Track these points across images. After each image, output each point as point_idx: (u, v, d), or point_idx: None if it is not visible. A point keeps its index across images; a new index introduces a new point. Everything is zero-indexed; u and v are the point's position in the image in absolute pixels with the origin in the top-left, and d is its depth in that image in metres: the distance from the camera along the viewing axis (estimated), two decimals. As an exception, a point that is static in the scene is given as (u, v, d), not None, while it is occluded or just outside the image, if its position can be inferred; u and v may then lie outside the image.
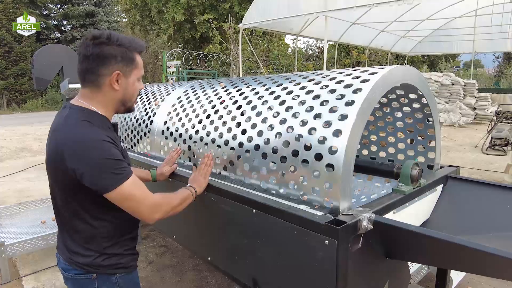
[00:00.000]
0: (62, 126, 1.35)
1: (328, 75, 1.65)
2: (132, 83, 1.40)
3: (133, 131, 2.78)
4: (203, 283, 3.29)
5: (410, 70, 1.67)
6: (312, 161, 1.40)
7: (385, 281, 1.62)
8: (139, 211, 1.35)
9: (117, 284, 1.45)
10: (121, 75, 1.35)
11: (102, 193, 1.29)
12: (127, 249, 1.50)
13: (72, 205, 1.37)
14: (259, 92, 1.83)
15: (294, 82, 1.75)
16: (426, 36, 18.06)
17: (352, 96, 1.40)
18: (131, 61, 1.37)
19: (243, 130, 1.70)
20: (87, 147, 1.26)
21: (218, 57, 16.56)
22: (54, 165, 1.34)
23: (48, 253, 3.71)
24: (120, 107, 1.44)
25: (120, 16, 29.80)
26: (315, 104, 1.51)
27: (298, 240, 1.35)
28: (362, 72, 1.54)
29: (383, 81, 1.47)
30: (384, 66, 1.57)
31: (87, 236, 1.40)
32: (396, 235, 1.32)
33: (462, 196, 1.88)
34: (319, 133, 1.41)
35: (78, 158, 1.25)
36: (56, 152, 1.31)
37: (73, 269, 1.42)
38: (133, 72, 1.39)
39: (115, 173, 1.28)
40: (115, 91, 1.37)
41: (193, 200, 1.64)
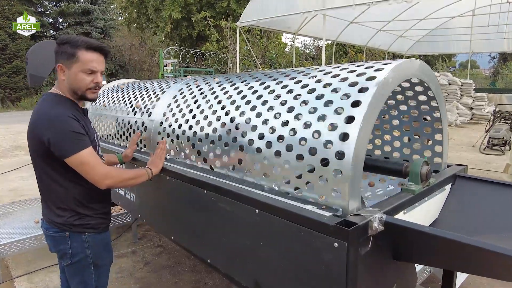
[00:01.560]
0: (38, 107, 1.70)
1: (337, 67, 1.57)
2: (74, 74, 1.67)
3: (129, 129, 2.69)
4: (201, 284, 3.22)
5: (423, 65, 1.60)
6: (319, 159, 1.33)
7: (393, 284, 1.56)
8: (92, 175, 1.64)
9: (86, 242, 1.75)
10: (63, 67, 1.67)
11: (62, 158, 1.60)
12: (97, 213, 1.80)
13: (47, 170, 1.68)
14: (270, 86, 1.76)
15: (308, 75, 1.67)
16: (423, 36, 18.05)
17: (359, 96, 1.33)
18: (71, 56, 1.65)
19: (254, 126, 1.62)
20: (54, 120, 1.59)
21: (216, 55, 16.44)
22: (32, 136, 1.66)
23: (41, 254, 3.62)
24: (74, 94, 1.73)
25: (116, 14, 29.57)
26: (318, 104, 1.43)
27: (304, 242, 1.27)
28: (375, 63, 1.47)
29: (395, 74, 1.40)
30: (391, 61, 1.50)
31: (62, 197, 1.70)
32: (409, 237, 1.25)
33: (471, 196, 1.81)
34: (328, 124, 1.34)
35: (48, 129, 1.58)
36: (33, 126, 1.65)
37: (51, 228, 1.74)
38: (74, 65, 1.66)
39: (74, 142, 1.59)
40: (63, 81, 1.70)
41: (149, 179, 1.91)
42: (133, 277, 3.31)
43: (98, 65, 1.71)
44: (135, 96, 2.82)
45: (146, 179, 1.90)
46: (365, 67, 1.47)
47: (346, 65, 1.57)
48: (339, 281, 1.18)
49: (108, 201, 1.91)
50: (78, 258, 1.74)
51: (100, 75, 1.75)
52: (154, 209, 2.30)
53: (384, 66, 1.41)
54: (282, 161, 1.45)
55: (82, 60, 1.66)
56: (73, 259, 1.74)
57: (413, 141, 2.06)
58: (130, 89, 3.06)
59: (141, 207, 2.45)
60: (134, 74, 26.08)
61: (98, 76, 1.73)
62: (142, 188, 2.37)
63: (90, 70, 1.68)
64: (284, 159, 1.44)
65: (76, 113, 1.70)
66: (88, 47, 1.67)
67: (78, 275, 1.77)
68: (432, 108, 1.86)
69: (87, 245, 1.75)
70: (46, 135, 1.57)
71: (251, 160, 1.60)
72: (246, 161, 1.62)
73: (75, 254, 1.74)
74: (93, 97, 1.77)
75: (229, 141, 1.72)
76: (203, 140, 1.89)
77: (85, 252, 1.75)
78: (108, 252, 1.90)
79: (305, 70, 1.73)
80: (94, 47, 1.70)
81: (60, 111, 1.63)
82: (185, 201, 1.93)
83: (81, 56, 1.66)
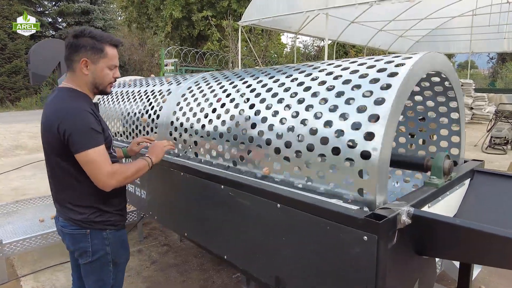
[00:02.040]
0: (53, 101, 1.65)
1: (362, 63, 1.55)
2: (100, 69, 1.66)
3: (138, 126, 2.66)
4: (209, 282, 3.19)
5: (443, 58, 1.58)
6: (345, 151, 1.30)
7: (416, 279, 1.53)
8: (97, 176, 1.57)
9: (107, 239, 1.72)
10: (89, 62, 1.63)
11: (74, 152, 1.55)
12: (116, 209, 1.77)
13: (64, 166, 1.62)
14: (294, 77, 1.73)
15: (324, 71, 1.65)
16: (423, 36, 18.05)
17: (388, 80, 1.30)
18: (100, 50, 1.64)
19: (282, 119, 1.59)
20: (74, 113, 1.56)
21: (217, 54, 16.41)
22: (47, 131, 1.60)
23: (47, 252, 3.59)
24: (94, 89, 1.71)
25: (116, 14, 29.50)
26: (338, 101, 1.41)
27: (331, 236, 1.25)
28: (395, 57, 1.45)
29: (420, 66, 1.38)
30: (411, 55, 1.48)
31: (81, 194, 1.66)
32: (437, 230, 1.22)
33: (490, 190, 1.79)
34: (353, 121, 1.31)
35: (66, 122, 1.54)
36: (49, 119, 1.59)
37: (70, 225, 1.69)
38: (101, 60, 1.65)
39: (88, 138, 1.54)
40: (85, 75, 1.66)
41: (149, 169, 1.82)
42: (141, 276, 3.28)
43: (118, 60, 1.74)
44: (150, 91, 2.79)
45: (147, 170, 1.81)
46: (390, 58, 1.45)
47: (374, 58, 1.54)
48: (368, 275, 1.16)
49: (124, 197, 1.88)
50: (98, 255, 1.70)
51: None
52: (166, 206, 2.27)
53: (412, 55, 1.38)
54: (312, 155, 1.41)
55: (109, 56, 1.66)
56: (93, 257, 1.70)
57: (428, 138, 2.04)
58: (140, 84, 3.04)
59: (152, 204, 2.42)
60: (133, 74, 26.00)
61: (117, 71, 1.76)
62: (153, 184, 2.34)
63: (114, 65, 1.70)
64: (315, 152, 1.40)
65: (94, 108, 1.68)
66: (112, 43, 1.68)
67: (96, 273, 1.73)
68: (448, 104, 1.84)
69: (108, 242, 1.72)
70: (63, 128, 1.53)
71: (277, 155, 1.56)
72: (272, 156, 1.58)
73: (96, 251, 1.70)
74: (110, 91, 1.79)
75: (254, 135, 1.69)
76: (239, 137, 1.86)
77: (106, 249, 1.72)
78: (126, 249, 1.87)
79: (334, 62, 1.70)
80: (116, 43, 1.71)
81: (79, 105, 1.60)
82: (200, 197, 1.90)
83: (108, 51, 1.66)
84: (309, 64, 1.80)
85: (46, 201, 4.32)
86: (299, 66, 1.83)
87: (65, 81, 1.71)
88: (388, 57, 1.46)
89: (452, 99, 1.82)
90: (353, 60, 1.60)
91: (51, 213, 3.91)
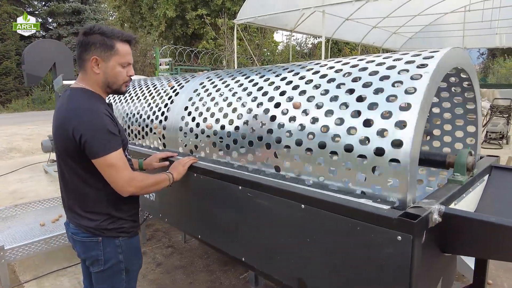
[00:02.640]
0: (66, 102, 1.55)
1: (380, 61, 1.52)
2: (112, 67, 1.57)
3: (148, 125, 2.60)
4: (217, 284, 3.16)
5: (463, 53, 1.56)
6: (373, 155, 1.27)
7: (440, 278, 1.51)
8: (116, 180, 1.52)
9: (120, 247, 1.64)
10: (99, 60, 1.55)
11: (92, 158, 1.48)
12: (130, 215, 1.69)
13: (77, 170, 1.55)
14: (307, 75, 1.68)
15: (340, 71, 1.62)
16: (416, 32, 18.14)
17: (414, 83, 1.27)
18: (110, 47, 1.55)
19: (301, 126, 1.55)
20: (89, 116, 1.48)
21: (211, 53, 16.30)
22: (61, 133, 1.52)
23: (49, 257, 3.52)
24: (107, 88, 1.63)
25: (107, 14, 29.18)
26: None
27: (361, 237, 1.21)
28: (415, 57, 1.42)
29: (444, 62, 1.35)
30: (436, 51, 1.45)
31: (94, 199, 1.58)
32: (468, 228, 1.20)
33: (508, 186, 1.78)
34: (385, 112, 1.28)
35: (81, 124, 1.46)
36: (62, 121, 1.50)
37: (81, 233, 1.61)
38: (113, 58, 1.56)
39: (106, 143, 1.47)
40: (96, 74, 1.58)
41: (169, 185, 1.79)
42: (146, 279, 3.23)
43: (131, 57, 1.65)
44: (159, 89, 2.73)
45: (167, 185, 1.78)
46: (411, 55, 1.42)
47: (397, 55, 1.51)
48: (402, 275, 1.13)
49: (137, 202, 1.80)
50: (110, 264, 1.64)
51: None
52: (178, 208, 2.22)
53: (433, 54, 1.36)
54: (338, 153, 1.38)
55: (120, 53, 1.57)
56: (105, 265, 1.63)
57: (442, 132, 2.02)
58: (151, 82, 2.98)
59: (162, 206, 2.37)
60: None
61: (131, 68, 1.66)
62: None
63: (127, 63, 1.61)
64: (340, 151, 1.37)
65: (109, 109, 1.61)
66: (123, 39, 1.59)
67: (108, 281, 1.68)
68: (466, 99, 1.82)
69: (120, 250, 1.65)
70: (78, 132, 1.46)
71: (305, 155, 1.51)
72: (299, 156, 1.53)
73: (108, 260, 1.63)
74: (125, 90, 1.70)
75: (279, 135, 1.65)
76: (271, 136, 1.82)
77: (118, 257, 1.65)
78: (139, 257, 1.80)
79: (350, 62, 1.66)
80: (128, 38, 1.61)
81: (94, 106, 1.52)
82: (215, 198, 1.86)
83: (119, 48, 1.57)
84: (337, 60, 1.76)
85: (46, 205, 4.24)
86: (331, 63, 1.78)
87: (77, 80, 1.64)
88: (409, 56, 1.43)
89: (469, 90, 1.79)
90: (371, 59, 1.56)
91: (51, 216, 3.84)
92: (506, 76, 24.84)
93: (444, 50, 1.36)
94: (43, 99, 21.75)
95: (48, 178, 6.45)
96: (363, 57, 1.59)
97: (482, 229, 1.18)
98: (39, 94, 21.81)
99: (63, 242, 3.22)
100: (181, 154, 2.25)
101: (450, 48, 1.42)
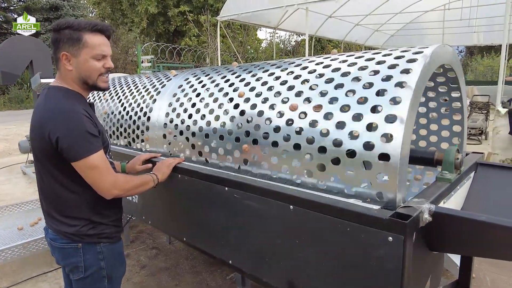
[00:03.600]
0: (43, 102, 1.47)
1: (368, 57, 1.49)
2: (83, 62, 1.47)
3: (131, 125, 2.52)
4: (203, 285, 3.10)
5: (452, 51, 1.55)
6: (362, 150, 1.24)
7: (429, 276, 1.51)
8: (99, 183, 1.45)
9: (101, 253, 1.56)
10: (69, 56, 1.47)
11: (71, 160, 1.40)
12: (112, 220, 1.62)
13: (55, 174, 1.47)
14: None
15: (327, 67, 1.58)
16: (398, 30, 18.41)
17: (403, 77, 1.25)
18: (77, 41, 1.45)
19: (289, 121, 1.51)
20: (66, 117, 1.40)
21: (194, 50, 16.11)
22: (37, 136, 1.44)
23: (28, 262, 3.38)
24: (84, 85, 1.53)
25: (87, 10, 28.46)
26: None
27: (351, 238, 1.19)
28: (404, 52, 1.40)
29: (433, 59, 1.34)
30: (425, 47, 1.44)
31: (73, 204, 1.51)
32: (457, 226, 1.19)
33: (493, 183, 1.79)
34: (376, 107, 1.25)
35: (57, 126, 1.38)
36: (39, 123, 1.43)
37: (60, 239, 1.53)
38: (82, 51, 1.46)
39: (86, 144, 1.40)
40: (69, 71, 1.49)
41: (154, 186, 1.74)
42: (131, 282, 3.15)
43: (107, 48, 1.52)
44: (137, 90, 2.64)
45: (151, 186, 1.72)
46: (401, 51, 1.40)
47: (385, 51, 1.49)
48: (393, 276, 1.11)
49: (121, 207, 1.73)
50: (91, 271, 1.56)
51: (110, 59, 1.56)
52: (162, 210, 2.15)
53: (423, 49, 1.34)
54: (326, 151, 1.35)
55: (90, 45, 1.46)
56: (85, 272, 1.55)
57: (429, 130, 2.03)
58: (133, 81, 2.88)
59: (145, 209, 2.30)
60: (107, 72, 25.17)
61: (109, 60, 1.54)
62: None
63: (100, 55, 1.49)
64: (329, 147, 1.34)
65: (88, 109, 1.52)
66: (93, 29, 1.47)
67: None
68: (453, 98, 1.83)
69: (102, 257, 1.56)
70: (54, 134, 1.37)
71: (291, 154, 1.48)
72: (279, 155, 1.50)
73: (89, 267, 1.55)
74: (105, 86, 1.57)
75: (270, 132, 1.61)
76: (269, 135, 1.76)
77: (100, 264, 1.57)
78: (122, 263, 1.72)
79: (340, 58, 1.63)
80: (100, 28, 1.49)
81: (71, 106, 1.43)
82: (201, 200, 1.80)
83: (88, 40, 1.46)
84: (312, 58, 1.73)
85: (24, 208, 4.08)
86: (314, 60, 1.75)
87: (55, 79, 1.56)
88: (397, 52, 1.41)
89: (455, 89, 1.80)
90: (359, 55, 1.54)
91: (30, 220, 3.70)
92: (483, 73, 25.57)
93: (434, 46, 1.35)
94: (20, 98, 21.09)
95: (26, 180, 6.24)
96: (352, 53, 1.57)
97: (472, 228, 1.17)
98: (16, 93, 21.12)
99: (43, 247, 3.11)
100: (166, 155, 2.18)
101: (439, 44, 1.40)
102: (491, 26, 15.19)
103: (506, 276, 3.19)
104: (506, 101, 10.00)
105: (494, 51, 26.87)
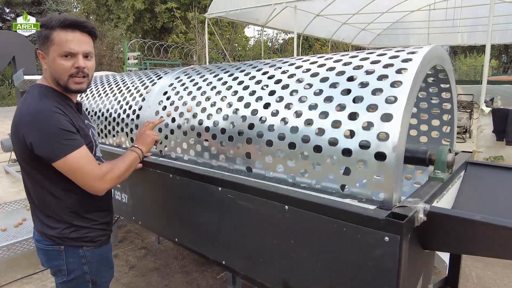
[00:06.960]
0: (21, 103, 1.44)
1: (364, 57, 1.49)
2: (52, 61, 1.40)
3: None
4: (194, 285, 3.08)
5: (444, 52, 1.57)
6: (358, 150, 1.24)
7: (421, 274, 1.52)
8: (86, 181, 1.39)
9: (84, 257, 1.51)
10: (43, 54, 1.43)
11: (50, 162, 1.34)
12: (96, 223, 1.55)
13: (36, 177, 1.43)
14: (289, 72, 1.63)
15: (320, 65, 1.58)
16: (384, 29, 18.63)
17: (399, 76, 1.26)
18: (46, 39, 1.39)
19: (283, 119, 1.50)
20: (37, 117, 1.33)
21: (182, 47, 15.95)
22: (14, 138, 1.40)
23: (12, 264, 3.29)
24: (58, 86, 1.46)
25: (71, 5, 27.84)
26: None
27: (347, 238, 1.19)
28: (399, 52, 1.41)
29: (428, 58, 1.34)
30: (420, 47, 1.45)
31: (54, 207, 1.46)
32: (451, 226, 1.20)
33: (483, 182, 1.82)
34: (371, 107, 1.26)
35: (29, 127, 1.33)
36: (15, 125, 1.39)
37: (43, 240, 1.50)
38: (51, 49, 1.39)
39: (63, 143, 1.33)
40: (46, 70, 1.46)
41: (140, 160, 1.65)
42: (120, 282, 3.10)
43: (77, 45, 1.39)
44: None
45: (138, 162, 1.64)
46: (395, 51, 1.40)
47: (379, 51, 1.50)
48: (389, 276, 1.11)
49: (110, 209, 1.67)
50: (74, 275, 1.51)
51: (84, 58, 1.42)
52: (153, 210, 2.12)
53: (417, 49, 1.35)
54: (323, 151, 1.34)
55: (57, 42, 1.37)
56: (68, 276, 1.50)
57: (418, 130, 2.05)
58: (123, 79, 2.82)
59: (135, 209, 2.26)
60: (92, 69, 24.70)
61: (79, 59, 1.40)
62: (137, 188, 2.18)
63: (66, 52, 1.37)
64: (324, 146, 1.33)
65: (66, 107, 1.45)
66: (63, 25, 1.36)
67: None
68: (443, 99, 1.85)
69: (85, 261, 1.51)
70: (28, 137, 1.33)
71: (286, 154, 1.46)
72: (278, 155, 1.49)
73: (71, 271, 1.50)
74: (78, 87, 1.45)
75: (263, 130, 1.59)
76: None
77: (83, 268, 1.52)
78: (109, 267, 1.66)
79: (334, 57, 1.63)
80: (69, 23, 1.37)
81: (44, 105, 1.37)
82: (193, 200, 1.78)
83: (56, 37, 1.37)
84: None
85: (7, 208, 3.97)
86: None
87: (42, 76, 1.53)
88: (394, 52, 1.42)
89: (446, 90, 1.82)
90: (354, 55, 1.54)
91: (13, 221, 3.60)
92: (466, 72, 26.11)
93: (429, 47, 1.36)
94: (2, 95, 20.52)
95: (9, 179, 6.08)
96: (346, 53, 1.57)
97: (466, 227, 1.18)
98: (-2, 89, 20.56)
99: (28, 248, 3.03)
100: (156, 154, 2.15)
101: (434, 45, 1.42)
102: (475, 26, 15.52)
103: (491, 271, 3.27)
104: (488, 100, 10.25)
105: (476, 51, 27.49)
